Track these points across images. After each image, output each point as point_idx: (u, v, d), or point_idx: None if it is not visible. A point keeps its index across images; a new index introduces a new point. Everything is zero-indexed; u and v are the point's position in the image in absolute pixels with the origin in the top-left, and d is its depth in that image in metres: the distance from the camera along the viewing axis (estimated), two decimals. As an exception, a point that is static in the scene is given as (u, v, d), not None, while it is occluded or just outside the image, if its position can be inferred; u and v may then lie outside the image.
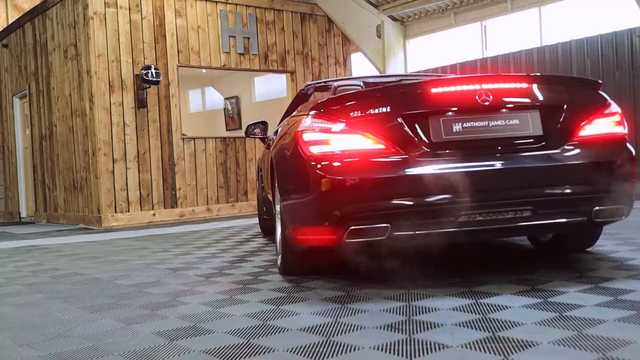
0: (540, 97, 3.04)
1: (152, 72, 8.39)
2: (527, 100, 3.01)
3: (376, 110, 2.91)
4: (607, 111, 3.07)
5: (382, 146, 2.85)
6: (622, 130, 3.09)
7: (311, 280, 3.34)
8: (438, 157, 2.85)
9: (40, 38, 9.83)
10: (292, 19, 10.29)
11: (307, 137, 2.97)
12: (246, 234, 6.51)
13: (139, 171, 8.65)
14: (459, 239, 3.09)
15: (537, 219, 2.88)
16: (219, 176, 9.45)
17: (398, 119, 2.89)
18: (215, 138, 9.51)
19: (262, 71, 10.09)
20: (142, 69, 8.42)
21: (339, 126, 2.90)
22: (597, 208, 2.88)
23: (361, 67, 11.58)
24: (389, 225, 2.76)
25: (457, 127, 2.89)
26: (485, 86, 2.92)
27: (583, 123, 3.00)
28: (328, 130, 2.92)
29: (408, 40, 11.12)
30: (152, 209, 8.75)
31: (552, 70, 8.54)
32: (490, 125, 2.90)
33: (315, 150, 2.93)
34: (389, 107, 2.92)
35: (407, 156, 2.83)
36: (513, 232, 3.32)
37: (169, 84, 8.94)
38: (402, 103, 2.96)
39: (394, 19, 10.84)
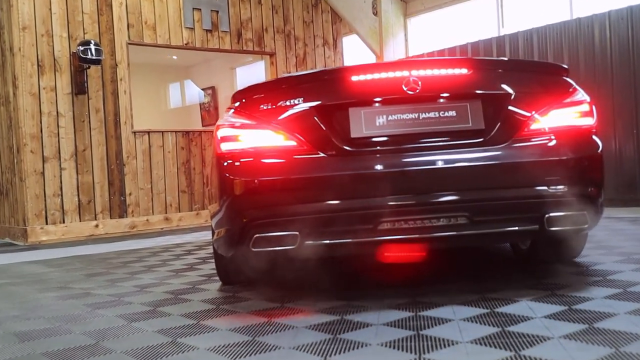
0: (482, 85, 2.71)
1: (91, 49, 6.72)
2: (466, 88, 2.68)
3: (288, 102, 2.66)
4: (568, 100, 2.73)
5: (293, 143, 2.62)
6: (589, 122, 2.73)
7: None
8: (357, 155, 2.60)
9: (-34, 12, 8.16)
10: (271, -10, 8.62)
11: (220, 132, 2.75)
12: (199, 254, 4.89)
13: (77, 172, 6.97)
14: (383, 248, 2.77)
15: (475, 228, 2.56)
16: (181, 178, 7.77)
17: (312, 111, 2.63)
18: (176, 132, 7.82)
19: (233, 52, 8.40)
20: (78, 45, 6.75)
21: (248, 120, 2.69)
22: (549, 215, 2.53)
23: (356, 50, 9.95)
24: (298, 233, 2.50)
25: (380, 120, 2.62)
26: (414, 73, 2.63)
27: (536, 114, 2.66)
28: (238, 125, 2.70)
29: (409, 18, 9.49)
30: (95, 219, 7.07)
31: (587, 49, 6.96)
32: (421, 117, 2.62)
33: (225, 147, 2.71)
34: (302, 98, 2.66)
35: (321, 154, 2.60)
36: (448, 242, 2.82)
37: (117, 65, 7.27)
38: (317, 93, 2.70)
39: (392, -7, 9.21)
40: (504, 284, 2.79)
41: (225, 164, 2.65)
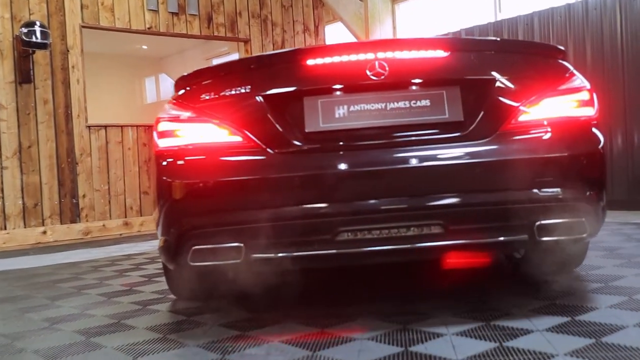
0: (461, 69, 2.38)
1: (36, 31, 5.91)
2: (442, 73, 2.35)
3: (234, 91, 2.35)
4: (564, 87, 2.37)
5: (238, 139, 2.30)
6: (589, 112, 2.37)
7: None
8: (312, 153, 2.28)
9: None
10: (246, -30, 7.82)
11: (160, 127, 2.41)
12: (148, 269, 4.14)
13: (21, 172, 6.14)
14: (343, 262, 2.57)
15: (451, 238, 2.23)
16: (142, 178, 6.96)
17: (261, 101, 2.31)
18: (137, 126, 7.01)
19: (203, 38, 7.60)
20: (21, 26, 5.93)
21: (188, 112, 2.37)
22: (540, 223, 2.20)
23: (340, 39, 9.19)
24: (243, 245, 2.20)
25: (340, 111, 2.30)
26: (380, 55, 2.31)
27: (525, 103, 2.31)
28: (178, 119, 2.38)
29: (398, 4, 8.75)
30: (42, 225, 6.25)
31: (595, 34, 6.26)
32: (389, 108, 2.29)
33: (162, 144, 2.38)
34: (249, 86, 2.34)
35: (270, 152, 2.28)
36: (419, 255, 2.50)
37: (68, 50, 6.45)
38: (267, 80, 2.37)
39: (379, -25, 8.45)
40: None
41: (164, 163, 2.35)
